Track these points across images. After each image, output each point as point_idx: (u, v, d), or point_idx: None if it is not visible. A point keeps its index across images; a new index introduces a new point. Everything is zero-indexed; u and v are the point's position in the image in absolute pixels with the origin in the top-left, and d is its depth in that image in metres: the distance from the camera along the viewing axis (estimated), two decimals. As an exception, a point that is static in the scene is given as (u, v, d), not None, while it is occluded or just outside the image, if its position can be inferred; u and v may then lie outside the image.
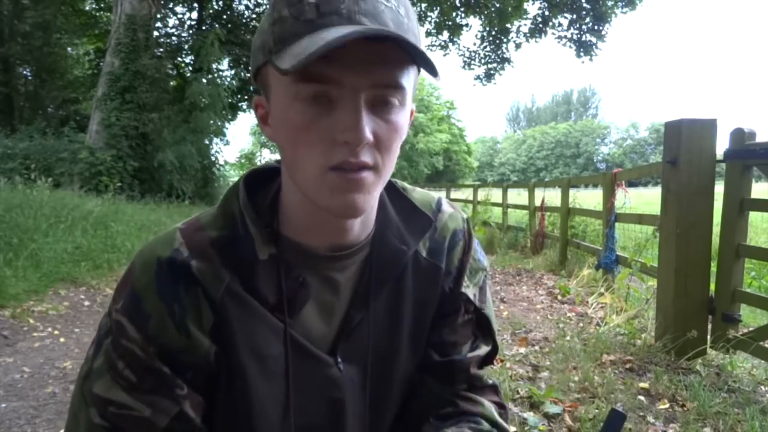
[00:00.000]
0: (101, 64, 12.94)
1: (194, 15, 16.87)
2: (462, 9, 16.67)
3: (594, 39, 16.43)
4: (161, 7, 14.07)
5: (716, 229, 3.04)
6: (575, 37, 16.62)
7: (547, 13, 16.62)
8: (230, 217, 0.64)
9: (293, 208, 0.63)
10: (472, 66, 18.15)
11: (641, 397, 2.44)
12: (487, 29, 17.39)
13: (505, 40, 17.61)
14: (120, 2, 11.45)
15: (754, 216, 4.57)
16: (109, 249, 5.72)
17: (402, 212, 0.70)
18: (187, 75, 14.59)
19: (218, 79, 13.77)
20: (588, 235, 6.76)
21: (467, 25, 17.41)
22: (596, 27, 16.25)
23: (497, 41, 17.64)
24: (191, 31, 16.37)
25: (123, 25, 11.31)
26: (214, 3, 17.20)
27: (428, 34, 17.25)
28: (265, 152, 40.04)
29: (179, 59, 16.35)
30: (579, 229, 6.90)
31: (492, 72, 18.13)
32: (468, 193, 12.37)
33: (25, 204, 5.52)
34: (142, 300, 0.60)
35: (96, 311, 4.21)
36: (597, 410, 2.26)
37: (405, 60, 0.54)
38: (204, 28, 15.44)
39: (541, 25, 16.90)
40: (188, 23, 17.16)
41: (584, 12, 16.07)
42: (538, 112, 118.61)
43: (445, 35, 17.55)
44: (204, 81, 12.80)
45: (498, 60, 18.04)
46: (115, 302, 0.62)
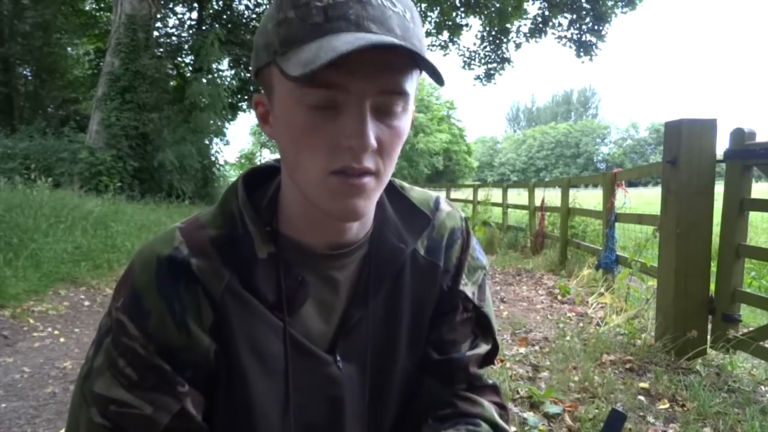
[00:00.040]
0: (101, 64, 12.95)
1: (194, 15, 16.89)
2: (462, 9, 16.68)
3: (594, 39, 16.44)
4: (161, 7, 14.07)
5: (716, 229, 3.04)
6: (575, 37, 16.63)
7: (547, 13, 16.63)
8: (229, 216, 0.64)
9: (292, 207, 0.63)
10: (472, 66, 18.17)
11: (641, 397, 2.44)
12: (487, 29, 17.40)
13: (505, 40, 17.62)
14: (120, 2, 11.45)
15: (754, 216, 4.57)
16: (109, 249, 5.72)
17: (400, 211, 0.70)
18: (187, 75, 14.60)
19: (218, 79, 13.78)
20: (588, 235, 6.77)
21: (467, 25, 17.43)
22: (596, 27, 16.26)
23: (497, 41, 17.65)
24: (191, 31, 16.38)
25: (123, 25, 11.32)
26: (214, 3, 17.20)
27: (428, 34, 17.24)
28: (265, 152, 40.04)
29: (179, 59, 16.36)
30: (579, 229, 6.90)
31: (492, 72, 18.14)
32: (468, 193, 12.36)
33: (25, 204, 5.52)
34: (143, 298, 0.60)
35: (96, 311, 4.21)
36: (597, 410, 2.26)
37: (410, 66, 0.54)
38: (204, 28, 15.44)
39: (541, 25, 16.91)
40: (188, 23, 17.18)
41: (584, 12, 16.08)
42: (538, 112, 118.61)
43: (445, 35, 17.58)
44: (204, 81, 12.80)
45: (498, 60, 18.05)
46: (115, 301, 0.62)
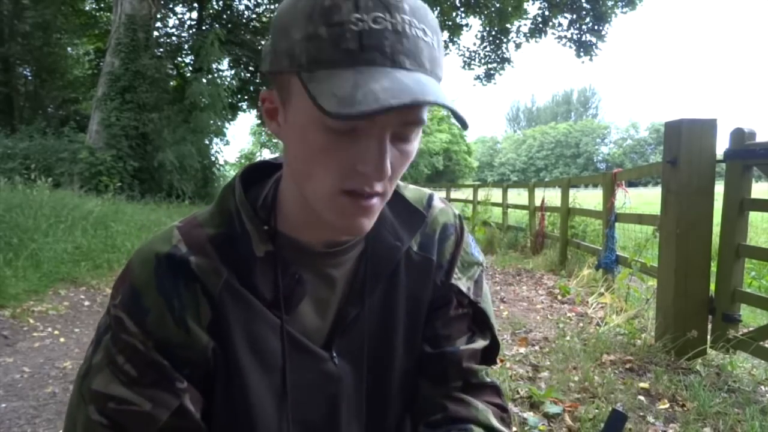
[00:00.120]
0: (101, 64, 12.95)
1: (194, 15, 16.90)
2: (462, 9, 16.68)
3: (594, 39, 16.44)
4: (161, 7, 14.07)
5: (716, 229, 3.04)
6: (575, 37, 16.64)
7: (547, 13, 16.63)
8: (227, 215, 0.64)
9: (290, 207, 0.63)
10: (472, 66, 18.17)
11: (641, 397, 2.44)
12: (487, 29, 17.41)
13: (505, 40, 17.63)
14: (120, 2, 11.46)
15: (754, 216, 4.57)
16: (109, 249, 5.72)
17: (396, 209, 0.70)
18: (187, 75, 14.60)
19: (218, 79, 13.78)
20: (588, 235, 6.76)
21: (467, 25, 17.44)
22: (596, 27, 16.26)
23: (497, 41, 17.66)
24: (191, 31, 16.39)
25: (123, 25, 11.32)
26: (214, 3, 17.21)
27: (428, 34, 17.22)
28: (265, 152, 40.04)
29: (179, 59, 16.37)
30: (579, 229, 6.90)
31: (492, 72, 18.15)
32: (468, 193, 12.35)
33: (25, 204, 5.53)
34: (142, 295, 0.60)
35: (96, 311, 4.20)
36: (597, 410, 2.26)
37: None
38: (204, 28, 15.44)
39: (541, 25, 16.91)
40: (188, 23, 17.20)
41: (584, 12, 16.08)
42: (538, 112, 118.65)
43: (445, 35, 17.54)
44: (204, 81, 12.80)
45: (498, 60, 18.06)
46: (114, 299, 0.62)
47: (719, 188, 3.01)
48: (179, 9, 17.24)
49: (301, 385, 0.66)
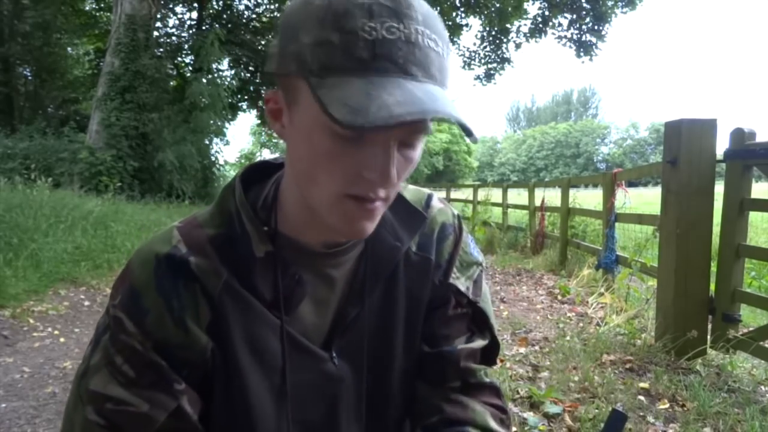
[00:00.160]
0: (101, 64, 12.96)
1: (194, 15, 16.89)
2: (462, 9, 16.68)
3: (594, 39, 16.45)
4: (161, 7, 14.08)
5: (716, 229, 3.04)
6: (575, 37, 16.64)
7: (547, 13, 16.64)
8: (227, 215, 0.64)
9: (291, 207, 0.63)
10: (472, 66, 18.18)
11: (641, 397, 2.44)
12: (487, 29, 17.41)
13: (505, 40, 17.63)
14: (120, 2, 11.46)
15: (754, 216, 4.57)
16: (109, 249, 5.72)
17: (395, 209, 0.70)
18: (187, 75, 14.61)
19: (218, 79, 13.78)
20: (588, 235, 6.76)
21: (467, 25, 17.43)
22: (596, 27, 16.26)
23: (497, 41, 17.66)
24: (191, 31, 16.39)
25: (123, 25, 11.32)
26: (214, 3, 17.21)
27: (428, 35, 17.23)
28: (265, 152, 40.02)
29: (179, 59, 16.37)
30: (579, 229, 6.90)
31: (492, 72, 18.15)
32: (468, 193, 12.35)
33: (25, 204, 5.53)
34: (141, 295, 0.60)
35: (96, 311, 4.20)
36: (597, 410, 2.26)
37: None
38: (204, 28, 15.44)
39: (541, 25, 16.92)
40: (188, 23, 17.20)
41: (584, 12, 16.08)
42: (538, 112, 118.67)
43: (445, 35, 17.54)
44: (204, 81, 12.80)
45: (498, 60, 18.06)
46: (113, 299, 0.62)
47: (719, 188, 3.01)
48: (179, 9, 17.26)
49: (301, 386, 0.66)
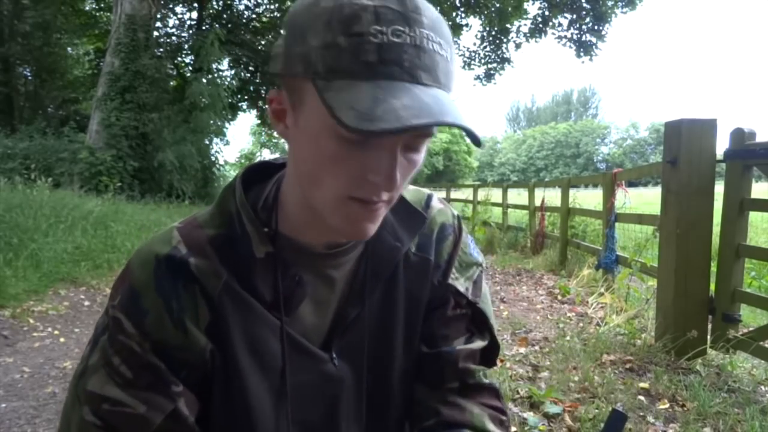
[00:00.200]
0: (101, 64, 12.96)
1: (194, 15, 16.89)
2: (462, 9, 16.68)
3: (594, 39, 16.45)
4: (161, 7, 14.07)
5: (716, 229, 3.04)
6: (575, 37, 16.64)
7: (547, 13, 16.64)
8: (227, 216, 0.64)
9: (291, 207, 0.63)
10: (472, 66, 18.18)
11: (641, 397, 2.44)
12: (487, 29, 17.42)
13: (505, 40, 17.63)
14: (120, 2, 11.46)
15: (754, 216, 4.57)
16: (109, 249, 5.72)
17: (395, 209, 0.70)
18: (187, 75, 14.61)
19: (218, 79, 13.78)
20: (588, 235, 6.76)
21: (467, 25, 17.43)
22: (596, 27, 16.26)
23: (497, 41, 17.67)
24: (191, 31, 16.39)
25: (123, 25, 11.32)
26: (214, 3, 17.21)
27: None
28: (265, 152, 39.99)
29: (179, 59, 16.38)
30: (579, 229, 6.90)
31: (492, 72, 18.15)
32: (468, 193, 12.35)
33: (25, 204, 5.53)
34: (141, 296, 0.60)
35: (96, 311, 4.20)
36: (597, 410, 2.26)
37: None
38: (204, 28, 15.43)
39: (541, 25, 16.92)
40: (188, 23, 17.20)
41: (584, 12, 16.08)
42: (538, 112, 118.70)
43: (445, 35, 17.54)
44: (204, 81, 12.80)
45: (498, 60, 18.06)
46: (112, 299, 0.62)
47: (719, 188, 3.01)
48: (179, 9, 17.26)
49: (301, 387, 0.66)
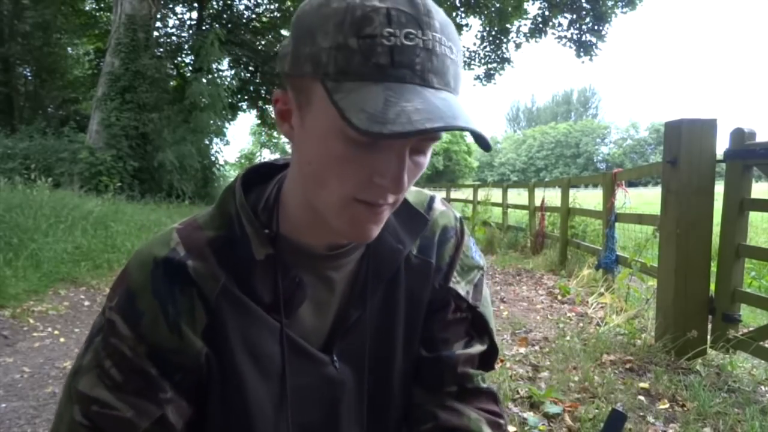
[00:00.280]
0: (101, 64, 12.97)
1: (194, 15, 16.90)
2: (462, 9, 16.67)
3: (594, 39, 16.45)
4: (161, 7, 14.08)
5: (716, 229, 3.04)
6: (575, 37, 16.64)
7: (547, 13, 16.64)
8: (227, 217, 0.64)
9: (293, 209, 0.63)
10: (472, 66, 18.18)
11: (641, 397, 2.44)
12: (487, 29, 17.41)
13: (505, 40, 17.64)
14: (120, 2, 11.46)
15: (754, 216, 4.57)
16: (109, 249, 5.72)
17: (398, 211, 0.69)
18: (187, 75, 14.61)
19: (218, 79, 13.79)
20: (588, 235, 6.76)
21: (467, 25, 17.44)
22: (596, 27, 16.26)
23: (497, 41, 17.67)
24: (191, 31, 16.39)
25: (123, 25, 11.32)
26: (214, 3, 17.21)
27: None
28: (265, 152, 39.98)
29: (179, 59, 16.38)
30: (579, 229, 6.90)
31: (492, 72, 18.16)
32: (468, 193, 12.35)
33: (25, 204, 5.53)
34: (137, 298, 0.60)
35: (96, 311, 4.20)
36: (597, 410, 2.26)
37: None
38: (204, 28, 15.44)
39: (541, 25, 16.92)
40: (188, 23, 17.20)
41: (584, 12, 16.08)
42: (538, 112, 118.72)
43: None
44: (204, 81, 12.80)
45: (498, 60, 18.07)
46: (110, 300, 0.62)
47: (719, 188, 3.01)
48: (179, 9, 17.28)
49: (301, 390, 0.65)
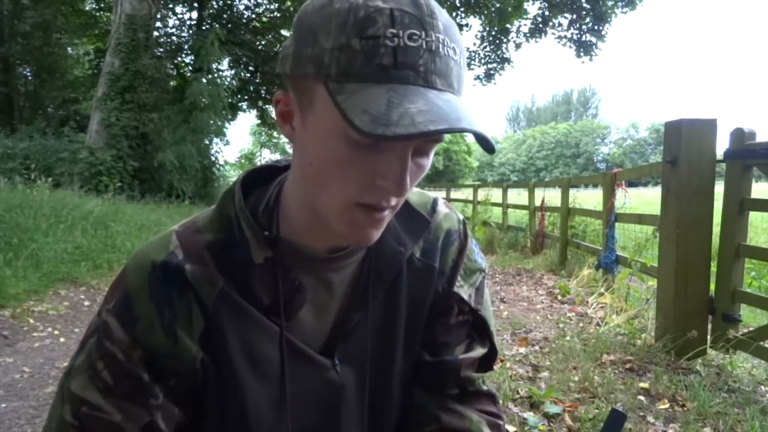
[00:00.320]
0: (101, 64, 12.96)
1: (194, 15, 16.90)
2: (462, 9, 16.67)
3: (594, 39, 16.44)
4: (161, 7, 14.07)
5: (716, 229, 3.04)
6: (575, 37, 16.63)
7: (547, 13, 16.63)
8: (226, 220, 0.63)
9: (293, 211, 0.62)
10: (472, 66, 18.15)
11: (641, 397, 2.44)
12: (487, 29, 17.41)
13: (505, 40, 17.63)
14: (120, 2, 11.46)
15: (754, 216, 4.57)
16: (109, 249, 5.72)
17: (399, 214, 0.68)
18: (187, 75, 14.61)
19: (218, 79, 13.78)
20: (588, 235, 6.77)
21: (467, 25, 17.44)
22: (596, 27, 16.26)
23: (497, 41, 17.66)
24: (191, 31, 16.39)
25: (123, 25, 11.32)
26: (214, 3, 17.20)
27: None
28: (265, 152, 39.96)
29: (179, 59, 16.37)
30: (579, 229, 6.90)
31: (492, 72, 18.14)
32: (468, 193, 12.35)
33: (25, 204, 5.53)
34: (134, 302, 0.59)
35: (96, 311, 4.20)
36: (597, 410, 2.26)
37: None
38: (204, 28, 15.44)
39: (541, 25, 16.91)
40: (188, 23, 17.20)
41: (584, 12, 16.08)
42: (538, 112, 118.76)
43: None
44: (204, 81, 12.80)
45: (498, 60, 18.05)
46: (107, 302, 0.62)
47: (719, 188, 3.01)
48: (179, 9, 17.27)
49: (301, 394, 0.65)
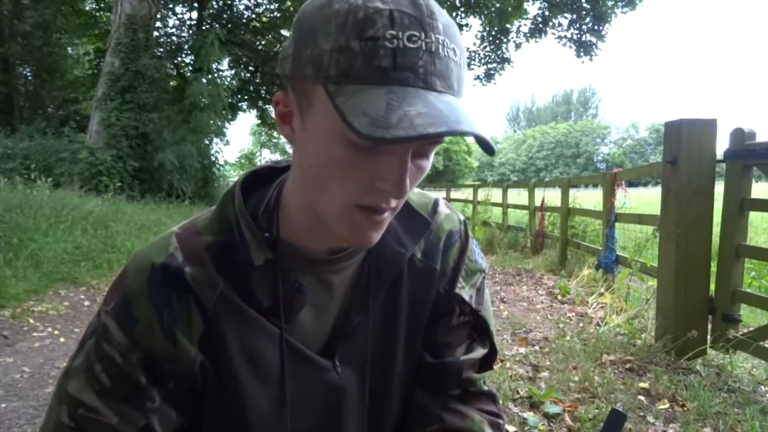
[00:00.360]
0: (101, 64, 12.96)
1: (194, 15, 16.89)
2: (462, 9, 16.66)
3: (594, 39, 16.44)
4: (161, 7, 14.07)
5: (716, 229, 3.04)
6: (575, 37, 16.63)
7: (547, 13, 16.63)
8: (226, 222, 0.63)
9: (294, 212, 0.62)
10: (472, 66, 18.15)
11: (641, 397, 2.44)
12: (487, 29, 17.41)
13: (505, 40, 17.62)
14: (120, 2, 11.45)
15: (754, 216, 4.57)
16: (109, 249, 5.72)
17: (400, 215, 0.68)
18: (187, 75, 14.60)
19: (218, 79, 13.77)
20: (588, 235, 6.77)
21: (467, 25, 17.44)
22: (596, 27, 16.25)
23: (497, 41, 17.66)
24: (191, 31, 16.38)
25: (123, 25, 11.32)
26: (214, 3, 17.20)
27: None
28: (265, 152, 39.95)
29: (179, 59, 16.37)
30: (579, 229, 6.90)
31: (492, 72, 18.14)
32: (468, 193, 12.35)
33: (25, 204, 5.53)
34: (133, 304, 0.59)
35: (96, 311, 4.20)
36: (597, 410, 2.26)
37: None
38: (204, 28, 15.43)
39: (541, 25, 16.91)
40: (188, 23, 17.20)
41: (584, 12, 16.07)
42: (538, 112, 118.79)
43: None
44: (204, 81, 12.79)
45: (498, 60, 18.05)
46: (106, 304, 0.62)
47: (719, 188, 3.01)
48: (179, 9, 17.26)
49: (302, 396, 0.64)
